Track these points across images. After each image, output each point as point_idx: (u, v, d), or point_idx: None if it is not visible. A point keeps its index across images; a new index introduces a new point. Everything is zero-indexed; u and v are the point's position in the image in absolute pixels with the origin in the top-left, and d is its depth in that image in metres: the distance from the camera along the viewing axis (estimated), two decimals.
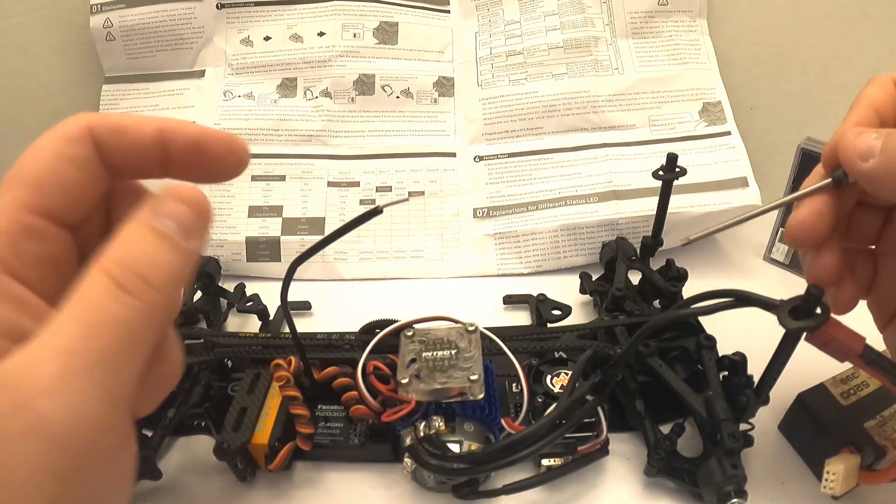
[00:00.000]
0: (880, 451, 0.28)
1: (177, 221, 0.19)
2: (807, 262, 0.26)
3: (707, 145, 0.50)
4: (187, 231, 0.19)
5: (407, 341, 0.31)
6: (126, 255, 0.18)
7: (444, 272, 0.49)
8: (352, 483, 0.32)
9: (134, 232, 0.18)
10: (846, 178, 0.24)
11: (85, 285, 0.17)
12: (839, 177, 0.24)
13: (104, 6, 0.53)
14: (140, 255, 0.18)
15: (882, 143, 0.22)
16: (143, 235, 0.18)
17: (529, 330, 0.41)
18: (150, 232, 0.18)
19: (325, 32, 0.55)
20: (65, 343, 0.16)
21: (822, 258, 0.25)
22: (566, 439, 0.30)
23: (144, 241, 0.18)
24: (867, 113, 0.25)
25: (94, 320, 0.17)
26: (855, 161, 0.23)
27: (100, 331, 0.17)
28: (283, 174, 0.52)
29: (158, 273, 0.18)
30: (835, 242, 0.25)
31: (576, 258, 0.48)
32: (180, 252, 0.19)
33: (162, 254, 0.19)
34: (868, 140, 0.23)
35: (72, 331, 0.16)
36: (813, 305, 0.24)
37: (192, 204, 0.19)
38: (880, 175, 0.23)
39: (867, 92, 0.25)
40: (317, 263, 0.49)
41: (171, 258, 0.19)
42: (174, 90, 0.55)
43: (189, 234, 0.19)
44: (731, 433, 0.28)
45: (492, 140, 0.53)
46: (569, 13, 0.54)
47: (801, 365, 0.28)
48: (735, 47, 0.54)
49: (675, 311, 0.32)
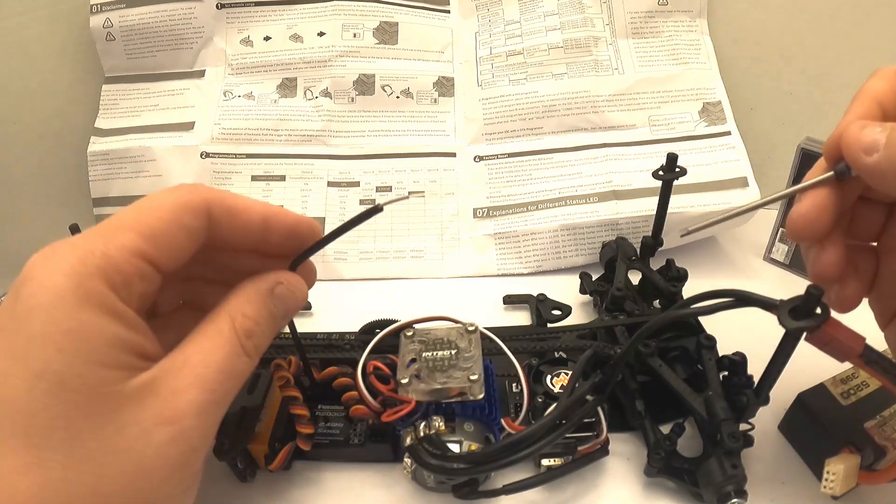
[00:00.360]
0: (880, 451, 0.28)
1: (284, 306, 0.24)
2: (810, 258, 0.26)
3: (707, 145, 0.50)
4: (286, 316, 0.25)
5: (407, 341, 0.31)
6: (253, 326, 0.23)
7: (444, 272, 0.49)
8: (352, 483, 0.32)
9: (257, 308, 0.23)
10: (849, 171, 0.23)
11: (220, 335, 0.22)
12: (842, 170, 0.24)
13: (104, 6, 0.53)
14: (261, 330, 0.23)
15: (886, 138, 0.22)
16: (261, 312, 0.23)
17: (529, 330, 0.40)
18: (267, 311, 0.23)
19: (325, 32, 0.55)
20: (206, 379, 0.21)
21: (826, 254, 0.25)
22: (566, 439, 0.30)
23: (262, 317, 0.23)
24: (870, 105, 0.24)
25: (226, 368, 0.21)
26: (859, 155, 0.23)
27: (228, 378, 0.21)
28: (283, 174, 0.52)
29: (265, 345, 0.24)
30: (838, 238, 0.25)
31: (576, 258, 0.48)
32: (278, 328, 0.25)
33: (270, 329, 0.24)
34: (872, 133, 0.22)
35: (209, 371, 0.21)
36: (813, 305, 0.24)
37: (300, 295, 0.25)
38: (884, 169, 0.22)
39: (870, 84, 0.25)
40: (317, 263, 0.48)
41: (274, 332, 0.24)
42: (174, 90, 0.55)
43: (286, 316, 0.25)
44: (731, 433, 0.28)
45: (492, 140, 0.53)
46: (569, 13, 0.54)
47: (801, 365, 0.28)
48: (735, 47, 0.54)
49: (675, 311, 0.32)
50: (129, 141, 0.52)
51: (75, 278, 0.19)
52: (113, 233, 0.20)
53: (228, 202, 0.23)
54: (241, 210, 0.23)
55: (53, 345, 0.18)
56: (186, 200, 0.22)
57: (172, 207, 0.21)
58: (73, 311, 0.18)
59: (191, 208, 0.22)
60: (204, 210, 0.22)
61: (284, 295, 0.24)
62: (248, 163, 0.52)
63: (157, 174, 0.51)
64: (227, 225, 0.23)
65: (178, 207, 0.21)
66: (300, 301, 0.25)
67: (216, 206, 0.22)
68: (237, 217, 0.23)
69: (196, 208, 0.22)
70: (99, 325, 0.19)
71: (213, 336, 0.22)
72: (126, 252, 0.20)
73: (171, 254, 0.21)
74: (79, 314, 0.18)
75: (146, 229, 0.21)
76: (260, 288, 0.24)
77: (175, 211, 0.21)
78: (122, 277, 0.20)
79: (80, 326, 0.18)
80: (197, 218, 0.22)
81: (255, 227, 0.24)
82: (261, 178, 0.52)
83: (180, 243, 0.22)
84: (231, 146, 0.52)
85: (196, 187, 0.23)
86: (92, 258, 0.19)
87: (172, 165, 0.51)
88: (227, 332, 0.22)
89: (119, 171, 0.51)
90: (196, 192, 0.22)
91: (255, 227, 0.24)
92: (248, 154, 0.52)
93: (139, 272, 0.20)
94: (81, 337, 0.18)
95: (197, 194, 0.22)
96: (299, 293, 0.25)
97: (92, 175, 0.51)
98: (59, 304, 0.18)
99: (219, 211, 0.23)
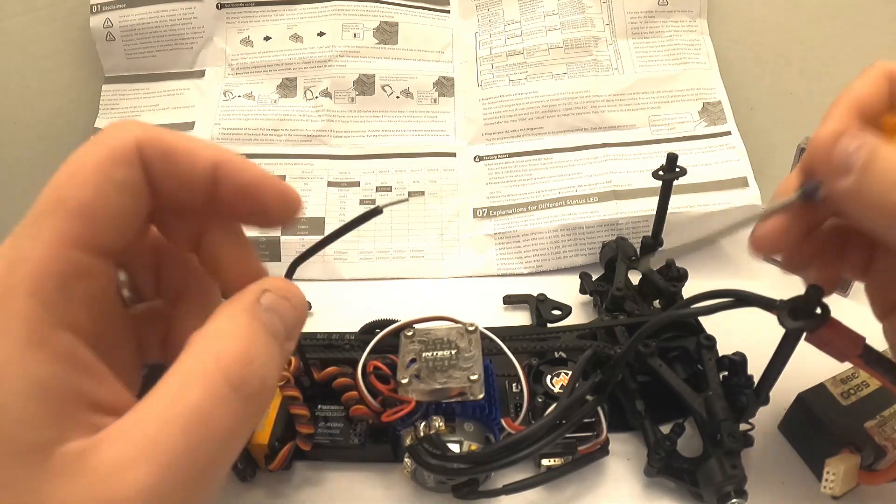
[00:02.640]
0: (880, 451, 0.28)
1: (281, 318, 0.17)
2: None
3: (707, 145, 0.50)
4: (290, 332, 0.18)
5: (407, 341, 0.31)
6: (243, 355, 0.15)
7: (444, 272, 0.49)
8: (352, 483, 0.32)
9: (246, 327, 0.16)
10: (817, 192, 0.21)
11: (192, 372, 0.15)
12: (808, 192, 0.21)
13: (104, 6, 0.53)
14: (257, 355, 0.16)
15: (864, 160, 0.19)
16: (255, 331, 0.16)
17: (529, 330, 0.40)
18: (263, 329, 0.16)
19: (325, 32, 0.55)
20: (164, 450, 0.14)
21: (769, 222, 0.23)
22: (566, 439, 0.30)
23: (257, 337, 0.16)
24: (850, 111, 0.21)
25: (203, 431, 0.14)
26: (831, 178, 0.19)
27: (207, 444, 0.14)
28: (283, 174, 0.52)
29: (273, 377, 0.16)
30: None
31: (576, 258, 0.48)
32: (284, 354, 0.17)
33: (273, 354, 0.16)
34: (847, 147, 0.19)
35: (174, 438, 0.14)
36: (813, 305, 0.24)
37: (296, 302, 0.18)
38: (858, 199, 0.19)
39: (853, 87, 0.22)
40: (317, 263, 0.49)
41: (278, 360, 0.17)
42: (174, 90, 0.55)
43: (290, 335, 0.18)
44: (731, 433, 0.28)
45: (492, 140, 0.53)
46: (569, 13, 0.54)
47: (801, 365, 0.28)
48: (735, 47, 0.54)
49: (675, 311, 0.32)
50: None
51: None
52: (33, 225, 0.15)
53: (166, 143, 0.17)
54: (184, 155, 0.17)
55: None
56: (112, 148, 0.16)
57: (97, 163, 0.16)
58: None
59: (117, 157, 0.16)
60: (134, 155, 0.16)
61: (277, 304, 0.17)
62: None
63: None
64: (164, 172, 0.17)
65: (104, 161, 0.16)
66: (299, 309, 0.19)
67: (149, 149, 0.16)
68: (178, 163, 0.17)
69: (123, 155, 0.16)
70: (15, 365, 0.13)
71: (181, 377, 0.15)
72: (53, 246, 0.15)
73: (112, 225, 0.16)
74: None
75: (71, 205, 0.15)
76: (243, 301, 0.17)
77: (100, 168, 0.16)
78: (55, 282, 0.14)
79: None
80: (127, 167, 0.16)
81: (200, 177, 0.17)
82: None
83: (119, 207, 0.16)
84: (231, 146, 0.52)
85: (122, 126, 0.17)
86: (17, 266, 0.14)
87: None
88: (201, 365, 0.15)
89: None
90: (120, 133, 0.16)
91: (200, 177, 0.17)
92: (248, 154, 0.52)
93: (75, 268, 0.15)
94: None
95: (122, 135, 0.16)
96: (296, 299, 0.18)
97: None
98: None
99: (153, 155, 0.16)
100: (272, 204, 0.18)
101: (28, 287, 0.14)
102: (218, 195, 0.18)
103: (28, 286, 0.14)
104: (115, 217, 0.16)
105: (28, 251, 0.15)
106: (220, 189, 0.17)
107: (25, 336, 0.14)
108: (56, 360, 0.14)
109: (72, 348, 0.15)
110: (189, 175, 0.17)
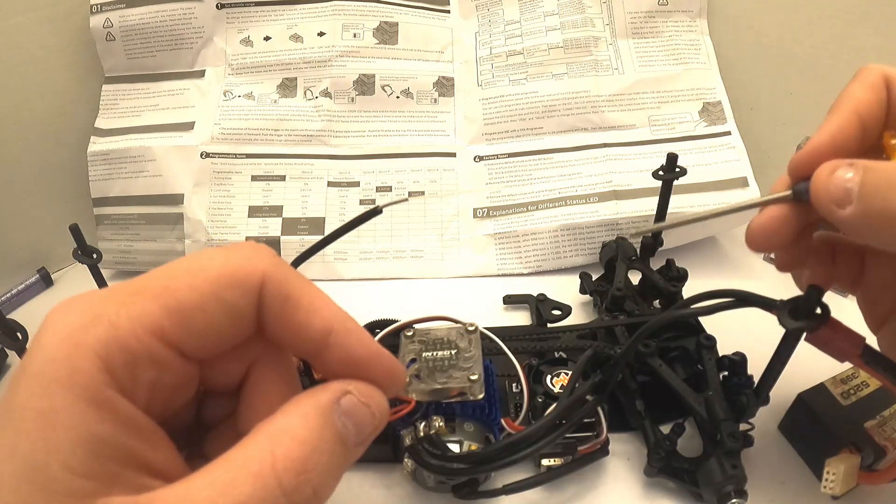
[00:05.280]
0: (880, 451, 0.28)
1: (356, 425, 0.17)
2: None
3: (707, 145, 0.50)
4: (361, 439, 0.17)
5: (407, 341, 0.31)
6: (302, 463, 0.15)
7: (444, 272, 0.49)
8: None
9: (315, 430, 0.16)
10: (806, 193, 0.22)
11: (246, 467, 0.15)
12: (800, 192, 0.22)
13: (104, 6, 0.53)
14: (317, 464, 0.15)
15: (859, 186, 0.19)
16: (323, 438, 0.16)
17: (529, 330, 0.40)
18: (333, 435, 0.16)
19: (325, 32, 0.55)
20: None
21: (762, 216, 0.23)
22: (566, 439, 0.30)
23: (323, 444, 0.16)
24: (849, 118, 0.22)
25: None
26: (831, 208, 0.20)
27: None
28: (283, 174, 0.52)
29: (330, 485, 0.16)
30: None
31: (576, 258, 0.48)
32: (349, 460, 0.17)
33: (337, 462, 0.16)
34: (842, 181, 0.20)
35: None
36: (813, 305, 0.24)
37: (376, 409, 0.17)
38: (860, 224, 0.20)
39: (851, 92, 0.23)
40: (317, 263, 0.49)
41: (342, 467, 0.16)
42: (174, 90, 0.55)
43: (362, 441, 0.17)
44: (731, 433, 0.28)
45: (492, 140, 0.53)
46: (569, 13, 0.54)
47: (801, 365, 0.28)
48: (735, 47, 0.54)
49: (675, 311, 0.32)
50: (129, 141, 0.52)
51: (67, 347, 0.14)
52: (131, 297, 0.15)
53: (290, 286, 0.17)
54: (304, 306, 0.17)
55: (23, 423, 0.14)
56: (234, 269, 0.16)
57: (214, 277, 0.16)
58: (49, 388, 0.14)
59: (238, 281, 0.16)
60: (254, 289, 0.17)
61: (356, 410, 0.17)
62: (248, 163, 0.52)
63: (157, 174, 0.51)
64: (274, 315, 0.17)
65: (222, 278, 0.16)
66: (378, 417, 0.18)
67: (271, 288, 0.17)
68: (294, 312, 0.17)
69: (245, 282, 0.16)
70: (71, 414, 0.14)
71: (236, 467, 0.15)
72: (139, 325, 0.15)
73: (202, 336, 0.16)
74: (53, 393, 0.14)
75: (172, 300, 0.16)
76: (320, 400, 0.16)
77: (216, 282, 0.16)
78: (126, 357, 0.15)
79: (51, 409, 0.14)
80: (244, 295, 0.16)
81: (313, 334, 0.17)
82: (261, 178, 0.52)
83: (216, 324, 0.16)
84: (231, 146, 0.52)
85: (256, 252, 0.17)
86: (98, 324, 0.15)
87: (172, 165, 0.51)
88: (258, 463, 0.15)
89: (119, 171, 0.51)
90: (252, 261, 0.17)
91: (313, 334, 0.17)
92: (248, 154, 0.52)
93: (150, 355, 0.15)
94: (50, 423, 0.14)
95: (252, 264, 0.17)
96: (377, 407, 0.17)
97: (92, 175, 0.51)
98: (40, 376, 0.14)
99: (273, 293, 0.17)
100: (379, 381, 0.18)
101: (99, 350, 0.14)
102: (324, 356, 0.18)
103: (99, 349, 0.14)
104: (208, 332, 0.16)
105: (114, 316, 0.15)
106: (328, 352, 0.17)
107: (85, 391, 0.14)
108: (111, 421, 0.14)
109: (130, 413, 0.15)
110: (302, 329, 0.17)
